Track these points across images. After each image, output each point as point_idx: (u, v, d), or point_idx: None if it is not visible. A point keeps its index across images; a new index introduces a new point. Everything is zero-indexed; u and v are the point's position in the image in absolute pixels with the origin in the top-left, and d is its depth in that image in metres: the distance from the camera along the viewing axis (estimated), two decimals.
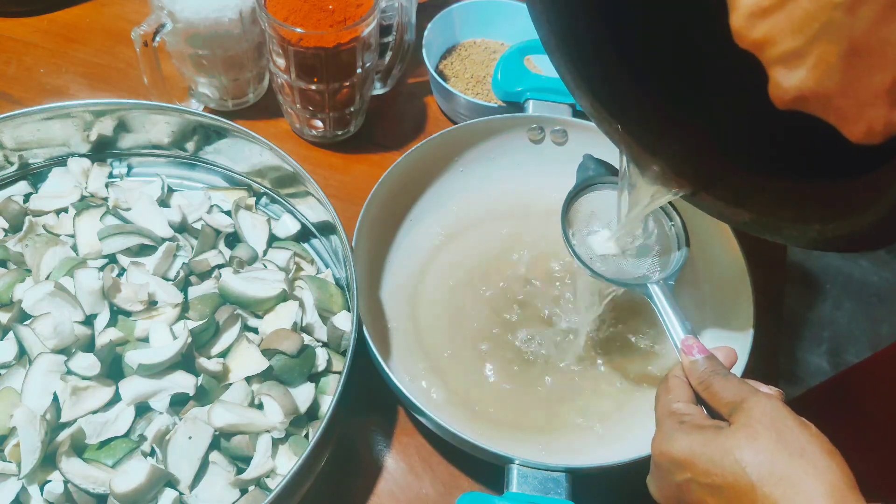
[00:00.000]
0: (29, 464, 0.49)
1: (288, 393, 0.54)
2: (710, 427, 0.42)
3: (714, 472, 0.40)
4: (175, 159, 0.68)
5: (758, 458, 0.39)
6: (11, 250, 0.60)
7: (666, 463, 0.43)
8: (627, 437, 0.58)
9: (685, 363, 0.48)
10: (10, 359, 0.54)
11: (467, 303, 0.65)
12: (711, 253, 0.64)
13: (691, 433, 0.43)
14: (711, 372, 0.46)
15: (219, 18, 0.67)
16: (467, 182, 0.71)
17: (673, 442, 0.43)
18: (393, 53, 0.74)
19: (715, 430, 0.42)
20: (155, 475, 0.49)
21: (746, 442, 0.40)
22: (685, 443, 0.42)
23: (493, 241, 0.68)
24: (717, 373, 0.46)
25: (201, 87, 0.75)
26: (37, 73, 0.80)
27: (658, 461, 0.44)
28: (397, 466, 0.58)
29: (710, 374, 0.46)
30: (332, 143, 0.77)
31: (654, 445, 0.45)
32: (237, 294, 0.57)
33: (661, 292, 0.53)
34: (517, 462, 0.51)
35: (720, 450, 0.40)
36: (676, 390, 0.47)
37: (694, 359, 0.47)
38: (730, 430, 0.41)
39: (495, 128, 0.69)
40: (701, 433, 0.42)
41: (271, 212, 0.68)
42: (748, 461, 0.39)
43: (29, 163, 0.66)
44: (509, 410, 0.59)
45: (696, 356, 0.47)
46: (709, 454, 0.41)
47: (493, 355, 0.62)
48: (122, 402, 0.52)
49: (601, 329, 0.63)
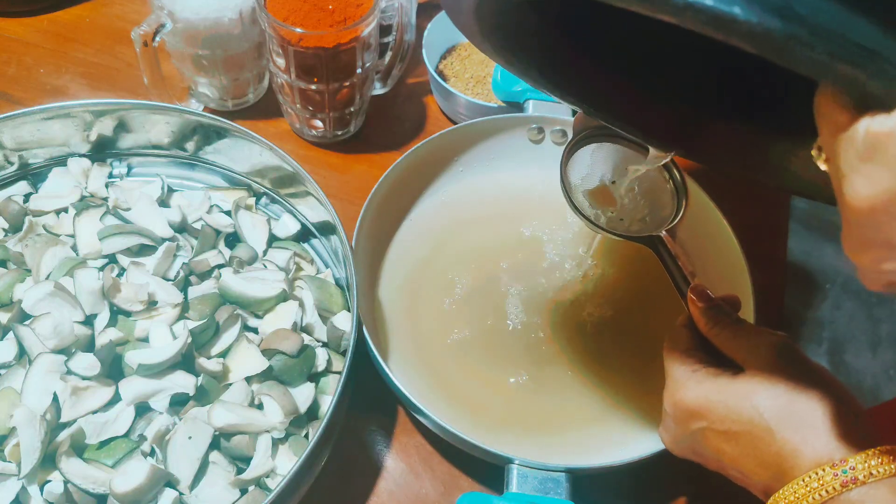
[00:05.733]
0: (29, 464, 0.49)
1: (288, 393, 0.54)
2: (723, 374, 0.42)
3: (730, 419, 0.39)
4: (175, 159, 0.68)
5: (775, 402, 0.38)
6: (11, 250, 0.60)
7: (680, 413, 0.43)
8: (627, 436, 0.58)
9: (694, 311, 0.47)
10: (10, 359, 0.54)
11: (467, 302, 0.65)
12: (711, 252, 0.64)
13: (704, 381, 0.42)
14: (721, 318, 0.45)
15: (219, 18, 0.67)
16: (467, 182, 0.71)
17: (686, 391, 0.42)
18: (393, 53, 0.74)
19: (729, 376, 0.41)
20: (155, 475, 0.49)
21: (762, 387, 0.39)
22: (699, 391, 0.41)
23: (493, 240, 0.68)
24: (726, 318, 0.45)
25: (201, 87, 0.75)
26: (37, 73, 0.80)
27: (671, 411, 0.44)
28: (397, 466, 0.58)
29: (720, 320, 0.45)
30: (332, 143, 0.77)
31: (666, 395, 0.44)
32: (237, 294, 0.57)
33: (664, 243, 0.52)
34: (517, 462, 0.51)
35: (736, 396, 0.39)
36: (686, 339, 0.46)
37: (703, 306, 0.46)
38: (745, 376, 0.40)
39: (495, 128, 0.69)
40: (715, 380, 0.41)
41: (271, 212, 0.68)
42: (765, 406, 0.38)
43: (29, 163, 0.66)
44: (509, 410, 0.59)
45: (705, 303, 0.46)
46: (724, 401, 0.40)
47: (493, 355, 0.62)
48: (122, 402, 0.52)
49: (601, 328, 0.63)
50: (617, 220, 0.56)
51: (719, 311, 0.46)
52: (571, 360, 0.62)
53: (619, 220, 0.56)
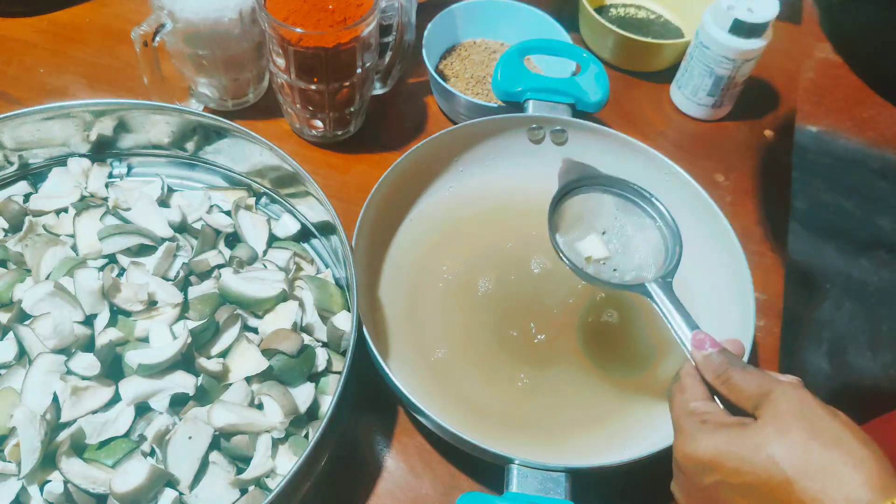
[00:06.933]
0: (29, 464, 0.49)
1: (288, 393, 0.54)
2: (734, 424, 0.40)
3: (745, 471, 0.38)
4: (175, 159, 0.68)
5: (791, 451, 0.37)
6: (11, 250, 0.60)
7: (691, 466, 0.41)
8: (627, 437, 0.58)
9: (698, 358, 0.45)
10: (10, 359, 0.54)
11: (467, 302, 0.65)
12: (711, 253, 0.64)
13: (716, 432, 0.40)
14: (728, 365, 0.43)
15: (219, 18, 0.67)
16: (467, 182, 0.71)
17: (697, 443, 0.40)
18: (393, 53, 0.74)
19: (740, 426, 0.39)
20: (155, 475, 0.49)
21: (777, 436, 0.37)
22: (710, 442, 0.40)
23: (493, 240, 0.68)
24: (734, 365, 0.43)
25: (201, 87, 0.75)
26: (37, 73, 0.80)
27: (683, 465, 0.42)
28: (397, 466, 0.58)
29: (727, 367, 0.43)
30: (332, 143, 0.77)
31: (676, 449, 0.42)
32: (237, 294, 0.57)
33: (661, 291, 0.52)
34: (517, 462, 0.51)
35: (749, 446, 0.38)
36: (691, 389, 0.44)
37: (707, 353, 0.45)
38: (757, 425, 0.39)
39: (495, 128, 0.69)
40: (726, 431, 0.40)
41: (271, 212, 0.68)
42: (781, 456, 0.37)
43: (29, 163, 0.66)
44: (509, 410, 0.59)
45: (709, 350, 0.45)
46: (738, 452, 0.38)
47: (493, 355, 0.62)
48: (122, 402, 0.52)
49: (602, 330, 0.63)
50: (610, 270, 0.56)
51: (725, 357, 0.44)
52: (572, 360, 0.62)
53: (612, 271, 0.56)
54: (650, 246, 0.56)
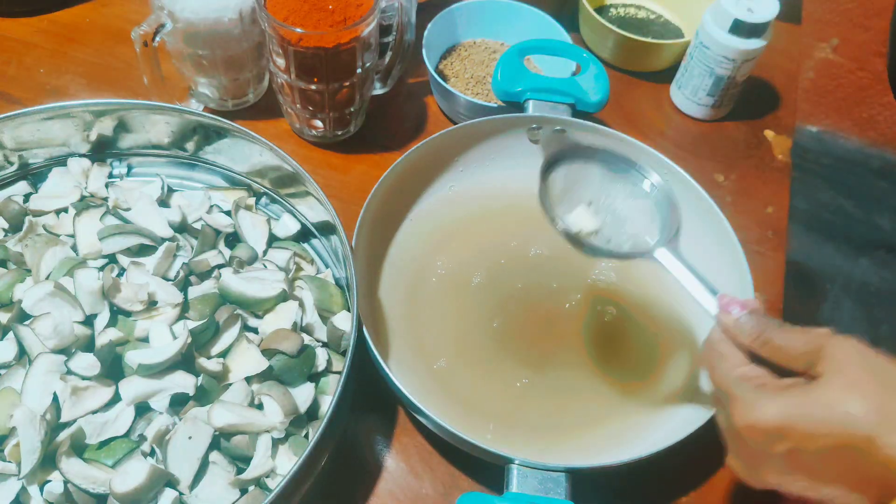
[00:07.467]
0: (29, 464, 0.49)
1: (288, 393, 0.54)
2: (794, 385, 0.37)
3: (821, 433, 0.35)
4: (175, 159, 0.68)
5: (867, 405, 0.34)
6: (11, 250, 0.60)
7: (758, 436, 0.38)
8: (627, 436, 0.58)
9: (729, 322, 0.42)
10: (10, 359, 0.54)
11: (467, 302, 0.65)
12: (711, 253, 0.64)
13: (778, 396, 0.37)
14: (765, 326, 0.40)
15: (219, 18, 0.67)
16: (467, 182, 0.71)
17: (761, 410, 0.37)
18: (393, 53, 0.74)
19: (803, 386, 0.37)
20: (155, 475, 0.49)
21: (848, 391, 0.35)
22: (775, 408, 0.36)
23: (494, 240, 0.68)
24: (770, 325, 0.40)
25: (201, 87, 0.75)
26: (37, 73, 0.80)
27: (747, 436, 0.38)
28: (397, 466, 0.58)
29: (764, 327, 0.40)
30: (332, 143, 0.77)
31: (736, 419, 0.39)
32: (237, 294, 0.57)
33: (672, 255, 0.49)
34: (517, 462, 0.51)
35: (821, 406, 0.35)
36: (732, 354, 0.41)
37: (737, 316, 0.42)
38: (822, 383, 0.36)
39: (495, 128, 0.69)
40: (790, 394, 0.36)
41: (271, 212, 0.68)
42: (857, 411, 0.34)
43: (29, 163, 0.66)
44: (509, 410, 0.59)
45: (738, 312, 0.42)
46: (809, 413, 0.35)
47: (493, 355, 0.62)
48: (122, 402, 0.52)
49: (603, 329, 0.63)
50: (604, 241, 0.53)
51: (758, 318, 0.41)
52: (572, 360, 0.62)
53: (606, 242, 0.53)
54: (641, 213, 0.54)
